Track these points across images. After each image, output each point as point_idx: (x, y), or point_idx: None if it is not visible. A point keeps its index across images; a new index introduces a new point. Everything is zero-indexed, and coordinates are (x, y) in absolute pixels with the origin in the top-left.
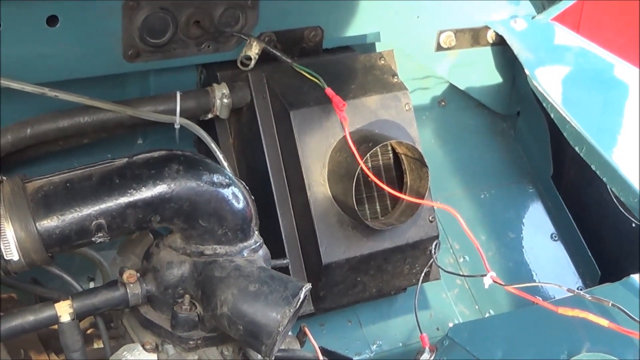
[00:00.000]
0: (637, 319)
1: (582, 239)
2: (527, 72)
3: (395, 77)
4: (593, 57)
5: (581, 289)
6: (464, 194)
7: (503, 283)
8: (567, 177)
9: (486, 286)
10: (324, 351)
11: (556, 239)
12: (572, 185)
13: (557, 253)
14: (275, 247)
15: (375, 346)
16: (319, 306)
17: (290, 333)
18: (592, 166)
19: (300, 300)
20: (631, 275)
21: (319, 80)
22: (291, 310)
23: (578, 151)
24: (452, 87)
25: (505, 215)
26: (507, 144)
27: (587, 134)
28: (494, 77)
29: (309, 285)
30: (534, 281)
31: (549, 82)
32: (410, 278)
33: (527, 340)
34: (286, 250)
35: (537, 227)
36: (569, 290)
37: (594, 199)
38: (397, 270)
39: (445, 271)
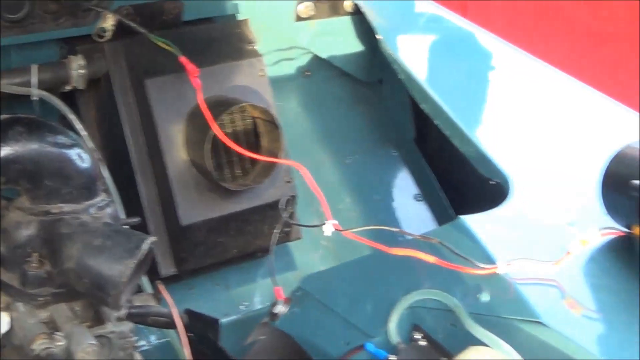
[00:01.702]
0: (461, 255)
1: (445, 199)
2: (378, 37)
3: (250, 45)
4: (448, 24)
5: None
6: (329, 160)
7: (342, 229)
8: (429, 139)
9: (327, 233)
10: (191, 313)
11: (420, 199)
12: (435, 148)
13: (421, 213)
14: (138, 212)
15: (243, 307)
16: (181, 268)
17: (150, 292)
18: (435, 121)
19: (144, 252)
20: (460, 216)
21: (173, 49)
22: (134, 261)
23: (423, 108)
24: (315, 57)
25: (370, 178)
26: (371, 110)
27: (431, 91)
28: (355, 46)
29: (152, 238)
30: (397, 240)
31: (402, 46)
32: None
33: (369, 284)
34: (147, 215)
35: (401, 189)
36: (401, 231)
37: (456, 160)
38: (258, 230)
39: (292, 223)
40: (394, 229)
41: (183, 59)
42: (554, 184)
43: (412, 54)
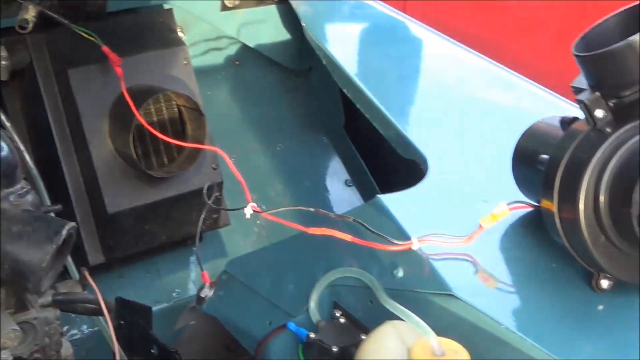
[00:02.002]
0: (376, 232)
1: (375, 184)
2: (303, 23)
3: (174, 34)
4: (375, 11)
5: None
6: (260, 148)
7: (261, 210)
8: (359, 126)
9: (247, 216)
10: (122, 301)
11: (350, 184)
12: (363, 133)
13: (351, 198)
14: (65, 202)
15: (175, 294)
16: (110, 256)
17: (78, 279)
18: (358, 105)
19: (64, 237)
20: (377, 195)
21: (95, 39)
22: (53, 247)
23: (346, 92)
24: (244, 47)
25: (301, 165)
26: (301, 98)
27: (353, 76)
28: (282, 35)
29: (72, 224)
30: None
31: (329, 33)
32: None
33: (291, 265)
34: (74, 204)
35: (331, 175)
36: (317, 211)
37: (382, 144)
38: (186, 217)
39: (215, 208)
40: (310, 209)
41: (105, 49)
42: (473, 163)
43: (339, 41)
